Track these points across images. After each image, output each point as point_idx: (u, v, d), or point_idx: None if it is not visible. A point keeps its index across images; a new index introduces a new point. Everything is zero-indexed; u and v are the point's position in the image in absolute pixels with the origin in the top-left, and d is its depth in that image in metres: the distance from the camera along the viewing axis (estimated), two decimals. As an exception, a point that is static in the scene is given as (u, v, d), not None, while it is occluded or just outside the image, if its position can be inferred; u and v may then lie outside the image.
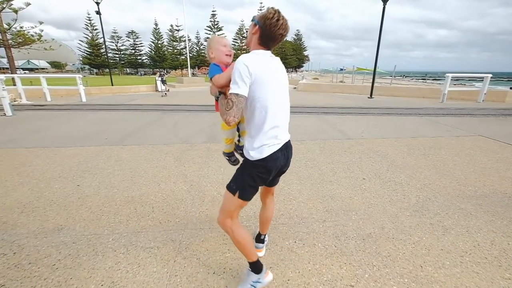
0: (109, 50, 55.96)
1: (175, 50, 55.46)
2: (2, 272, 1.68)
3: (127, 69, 62.32)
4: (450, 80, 10.34)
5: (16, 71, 16.84)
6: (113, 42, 57.08)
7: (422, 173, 3.26)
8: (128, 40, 58.82)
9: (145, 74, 54.16)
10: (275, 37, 1.24)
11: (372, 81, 12.42)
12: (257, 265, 1.47)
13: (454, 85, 10.01)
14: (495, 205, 2.51)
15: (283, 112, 1.35)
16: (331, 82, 24.46)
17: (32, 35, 16.73)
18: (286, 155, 1.39)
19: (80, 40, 53.84)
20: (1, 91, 7.10)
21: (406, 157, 3.85)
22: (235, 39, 54.35)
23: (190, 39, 56.89)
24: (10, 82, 10.55)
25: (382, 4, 10.90)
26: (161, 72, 15.39)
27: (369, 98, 11.95)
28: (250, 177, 1.34)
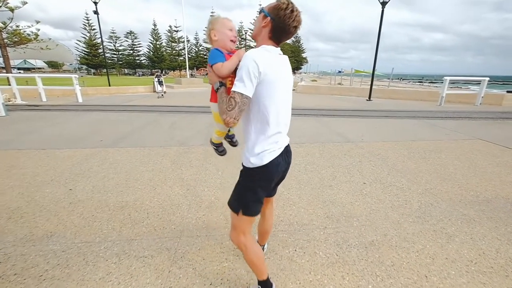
0: (107, 50, 55.67)
1: (174, 51, 55.30)
2: (-14, 283, 1.58)
3: (125, 69, 61.99)
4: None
5: (11, 71, 16.63)
6: (111, 42, 56.79)
7: (423, 177, 3.21)
8: (126, 40, 58.56)
9: (143, 75, 53.89)
10: (289, 30, 1.13)
11: (370, 83, 12.42)
12: (267, 284, 1.40)
13: (450, 88, 10.06)
14: (498, 211, 2.46)
15: (287, 115, 1.26)
16: (329, 84, 24.52)
17: (28, 34, 16.52)
18: (286, 160, 1.31)
19: (77, 40, 53.55)
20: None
21: (407, 160, 3.80)
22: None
23: (189, 40, 56.81)
24: (5, 81, 10.39)
25: (380, 7, 10.91)
26: (157, 72, 14.78)
27: (367, 100, 11.94)
28: (251, 191, 1.24)
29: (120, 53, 58.35)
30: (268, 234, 1.70)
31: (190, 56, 51.84)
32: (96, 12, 15.21)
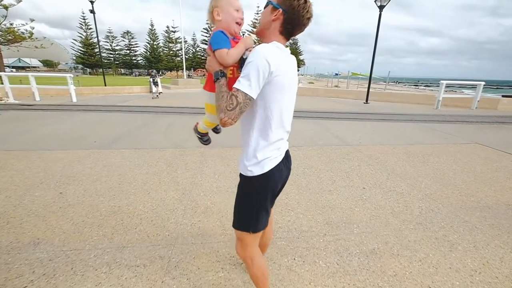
0: (103, 50, 55.31)
1: (171, 52, 55.13)
2: (-35, 295, 1.48)
3: (122, 69, 61.59)
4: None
5: (4, 69, 16.34)
6: (108, 42, 56.48)
7: (423, 182, 3.17)
8: (123, 40, 58.29)
9: (140, 75, 53.58)
10: (302, 22, 1.02)
11: (368, 86, 12.46)
12: None
13: (446, 91, 10.17)
14: (500, 217, 2.42)
15: (290, 121, 1.16)
16: (327, 86, 24.59)
17: (22, 33, 16.28)
18: (287, 166, 1.23)
19: (73, 39, 53.05)
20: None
21: (406, 165, 3.76)
22: (231, 42, 54.19)
23: (186, 41, 56.69)
24: (-3, 80, 10.17)
25: (376, 11, 10.95)
26: (152, 72, 14.37)
27: (365, 103, 11.96)
28: (254, 204, 1.14)
29: (116, 53, 58.04)
30: (266, 247, 1.62)
31: (187, 57, 51.68)
32: (92, 11, 15.05)
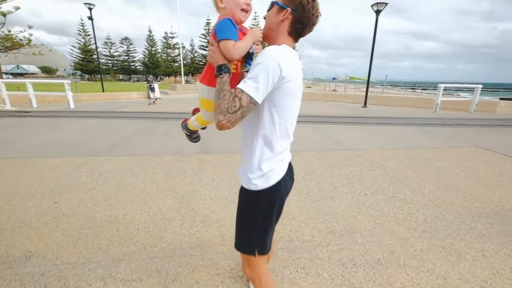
0: (102, 56, 55.52)
1: (169, 57, 55.33)
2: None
3: (120, 75, 61.72)
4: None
5: (2, 76, 16.28)
6: (106, 48, 56.70)
7: (426, 187, 3.12)
8: (121, 46, 58.57)
9: (138, 81, 53.66)
10: (313, 21, 0.97)
11: (366, 90, 12.49)
12: None
13: (442, 95, 10.23)
14: (507, 224, 2.36)
15: (293, 129, 1.09)
16: (324, 90, 24.70)
17: (20, 39, 16.27)
18: (291, 175, 1.16)
19: (72, 45, 53.27)
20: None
21: (407, 169, 3.71)
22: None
23: (184, 47, 57.01)
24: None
25: (373, 16, 11.05)
26: (148, 78, 14.23)
27: (363, 107, 11.97)
28: (259, 220, 1.05)
29: (115, 59, 58.26)
30: (269, 260, 1.55)
31: (185, 62, 51.88)
32: (90, 18, 15.10)
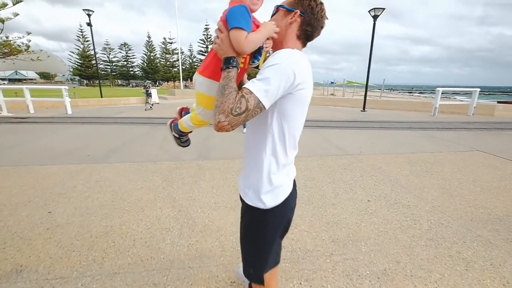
0: (100, 62, 55.67)
1: (168, 62, 55.57)
2: None
3: (119, 80, 61.81)
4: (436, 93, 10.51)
5: (-1, 82, 16.20)
6: (105, 54, 56.86)
7: (429, 193, 3.06)
8: (120, 52, 58.77)
9: (136, 86, 53.74)
10: (322, 25, 0.92)
11: (364, 94, 12.52)
12: None
13: (440, 98, 10.32)
14: (513, 230, 2.30)
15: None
16: (322, 95, 24.78)
17: (19, 45, 16.27)
18: (295, 187, 1.09)
19: (71, 51, 53.39)
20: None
21: (409, 175, 3.66)
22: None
23: (183, 52, 57.37)
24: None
25: (370, 21, 11.14)
26: (145, 83, 14.13)
27: (362, 111, 11.98)
28: (269, 241, 0.98)
29: (114, 64, 58.40)
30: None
31: (184, 67, 52.05)
32: (89, 24, 15.12)
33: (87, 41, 51.96)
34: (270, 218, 0.95)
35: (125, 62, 59.48)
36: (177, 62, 53.04)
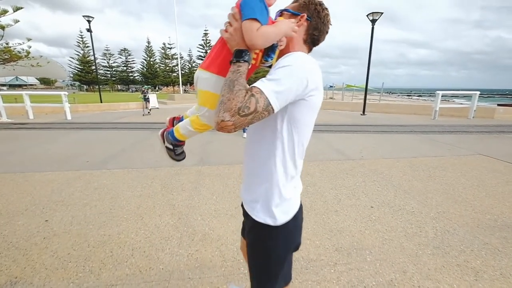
0: (100, 67, 55.92)
1: (167, 68, 55.79)
2: None
3: (119, 85, 62.01)
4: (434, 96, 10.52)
5: (-1, 88, 16.22)
6: (105, 59, 57.14)
7: (433, 198, 3.01)
8: (120, 57, 59.05)
9: (136, 91, 53.89)
10: (327, 31, 0.90)
11: (364, 98, 12.52)
12: None
13: (440, 101, 10.36)
14: (521, 237, 2.25)
15: None
16: (322, 98, 24.81)
17: (19, 52, 16.32)
18: (300, 202, 1.03)
19: (71, 57, 53.71)
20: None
21: (412, 179, 3.61)
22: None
23: (182, 57, 57.56)
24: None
25: (368, 25, 11.19)
26: (142, 88, 14.09)
27: (362, 115, 11.97)
28: (281, 260, 0.91)
29: (113, 69, 58.65)
30: None
31: (183, 72, 52.26)
32: (89, 30, 15.20)
33: (87, 46, 52.22)
34: (283, 234, 0.88)
35: (124, 68, 59.73)
36: (176, 67, 53.28)
